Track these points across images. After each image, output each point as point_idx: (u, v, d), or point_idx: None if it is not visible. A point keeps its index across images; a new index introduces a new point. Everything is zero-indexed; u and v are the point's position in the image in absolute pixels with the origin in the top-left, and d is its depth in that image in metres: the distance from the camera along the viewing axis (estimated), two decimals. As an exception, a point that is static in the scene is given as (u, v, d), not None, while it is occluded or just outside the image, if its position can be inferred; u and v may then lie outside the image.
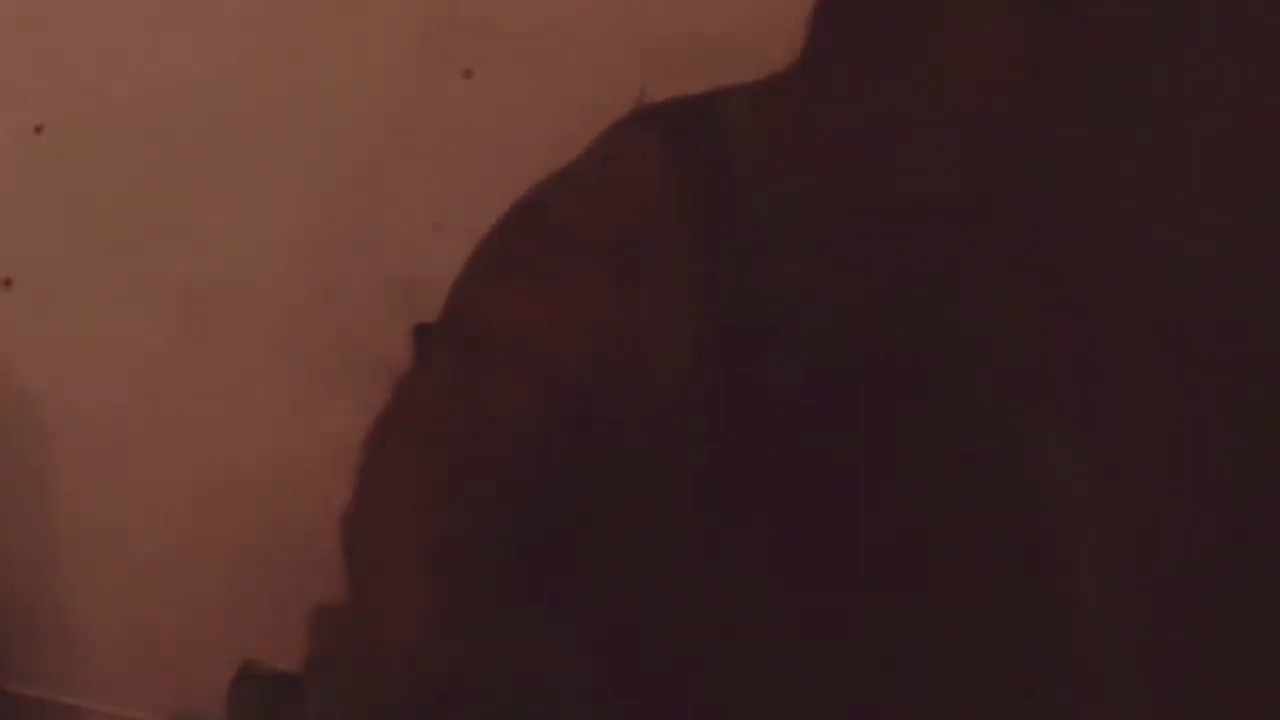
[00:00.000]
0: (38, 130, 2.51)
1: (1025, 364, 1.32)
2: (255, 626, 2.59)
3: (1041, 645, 1.33)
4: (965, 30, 1.29)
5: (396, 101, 2.47)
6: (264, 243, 2.51)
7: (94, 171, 2.52)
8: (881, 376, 1.33)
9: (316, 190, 2.50)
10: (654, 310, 1.31)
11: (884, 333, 1.34)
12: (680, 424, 1.30)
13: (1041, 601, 1.31)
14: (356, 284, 2.51)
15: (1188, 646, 1.32)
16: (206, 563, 2.59)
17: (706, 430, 1.31)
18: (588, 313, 1.31)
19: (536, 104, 2.37)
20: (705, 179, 1.36)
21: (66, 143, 2.52)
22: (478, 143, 2.38)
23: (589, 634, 1.33)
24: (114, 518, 2.60)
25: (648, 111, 1.47)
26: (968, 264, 1.34)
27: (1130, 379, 1.39)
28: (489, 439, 1.31)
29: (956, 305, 1.35)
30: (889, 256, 1.34)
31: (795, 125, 1.37)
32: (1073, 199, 1.43)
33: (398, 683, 1.31)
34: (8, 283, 2.56)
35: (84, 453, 2.60)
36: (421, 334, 2.54)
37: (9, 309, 2.57)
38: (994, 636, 1.32)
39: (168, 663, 2.61)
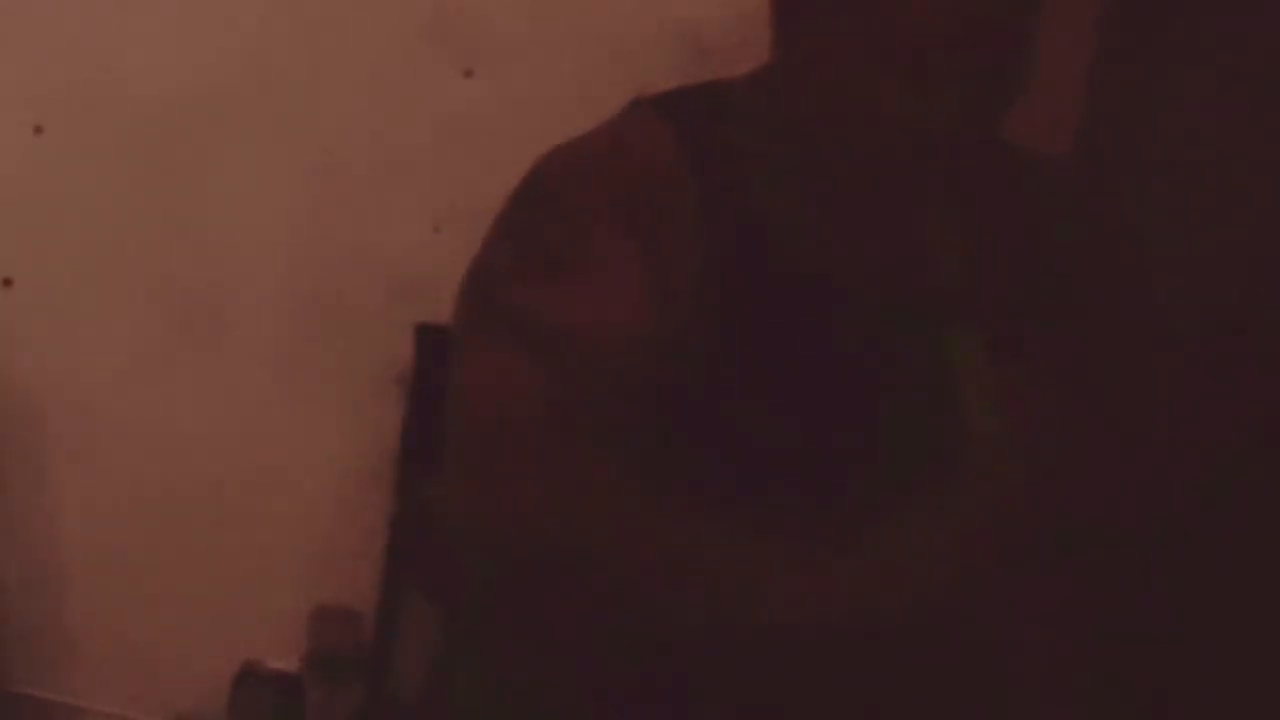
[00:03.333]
0: (38, 130, 2.52)
1: (963, 291, 1.50)
2: (255, 626, 2.60)
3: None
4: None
5: (396, 101, 2.47)
6: (264, 242, 2.52)
7: (94, 171, 2.52)
8: (850, 298, 1.51)
9: (316, 190, 2.50)
10: (679, 278, 1.47)
11: (856, 265, 1.52)
12: (694, 358, 1.46)
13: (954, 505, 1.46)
14: (356, 285, 2.51)
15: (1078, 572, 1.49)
16: (206, 563, 2.59)
17: (715, 359, 1.47)
18: (631, 302, 1.46)
19: (536, 104, 2.38)
20: (711, 157, 1.51)
21: (66, 143, 2.52)
22: (478, 143, 2.39)
23: None
24: (114, 517, 2.60)
25: (653, 99, 1.58)
26: (917, 203, 1.51)
27: (1054, 312, 1.55)
28: (583, 433, 1.45)
29: (909, 242, 1.52)
30: (858, 201, 1.51)
31: (781, 105, 1.52)
32: (1009, 150, 1.60)
33: None
34: (8, 283, 2.56)
35: (84, 452, 2.60)
36: (422, 334, 2.54)
37: (9, 309, 2.57)
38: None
39: (168, 663, 2.62)
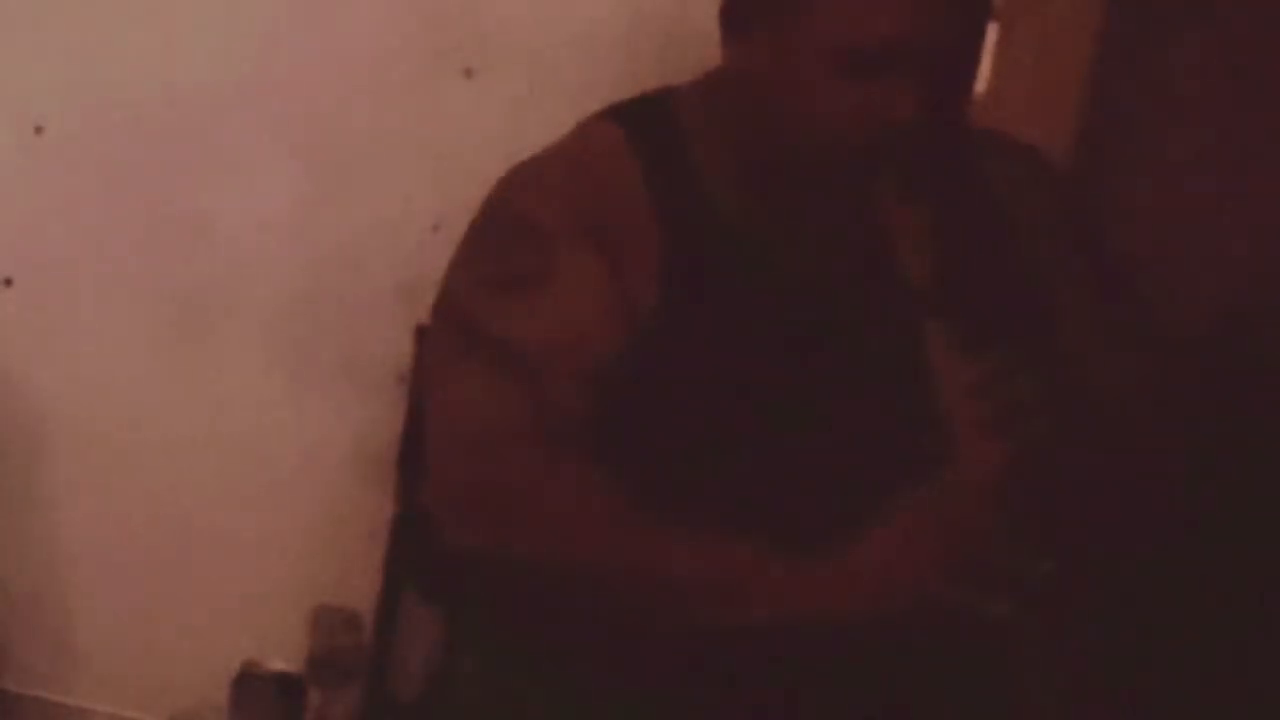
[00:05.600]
0: (38, 130, 2.52)
1: (933, 284, 1.53)
2: (255, 626, 2.60)
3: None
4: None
5: (396, 101, 2.47)
6: (264, 242, 2.52)
7: (94, 171, 2.52)
8: (818, 297, 1.58)
9: (316, 191, 2.50)
10: (644, 287, 1.54)
11: (821, 265, 1.59)
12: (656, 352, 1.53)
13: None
14: (356, 285, 2.51)
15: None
16: (206, 563, 2.60)
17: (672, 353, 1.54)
18: (598, 314, 1.52)
19: (536, 104, 2.38)
20: (668, 165, 1.58)
21: (66, 143, 2.52)
22: (478, 143, 2.39)
23: None
24: (114, 517, 2.61)
25: (609, 111, 1.64)
26: (878, 200, 1.54)
27: (1027, 302, 1.59)
28: (559, 445, 1.51)
29: (873, 238, 1.55)
30: (818, 201, 1.57)
31: (733, 107, 1.58)
32: (973, 140, 1.65)
33: None
34: (8, 283, 2.56)
35: (83, 452, 2.60)
36: (422, 334, 2.54)
37: (9, 309, 2.57)
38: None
39: (168, 663, 2.62)
